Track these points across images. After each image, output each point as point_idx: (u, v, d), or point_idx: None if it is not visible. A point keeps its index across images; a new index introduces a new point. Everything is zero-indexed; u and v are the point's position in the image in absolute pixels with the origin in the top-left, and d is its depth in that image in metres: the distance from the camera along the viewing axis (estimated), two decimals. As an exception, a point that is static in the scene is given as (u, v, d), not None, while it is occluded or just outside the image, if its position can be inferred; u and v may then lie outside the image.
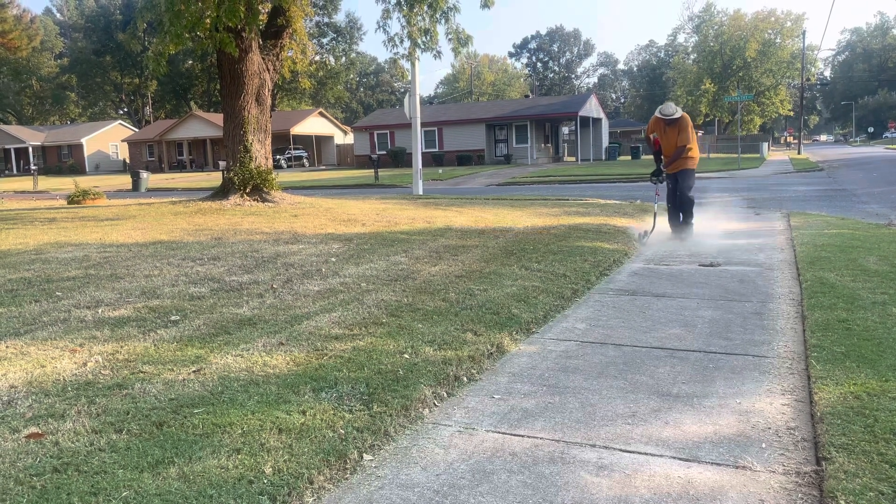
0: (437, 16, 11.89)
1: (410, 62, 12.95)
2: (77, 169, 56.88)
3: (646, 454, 2.92)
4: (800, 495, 2.56)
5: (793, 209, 13.21)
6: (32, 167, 46.96)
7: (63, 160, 60.34)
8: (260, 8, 12.72)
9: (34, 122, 74.77)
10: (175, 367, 3.73)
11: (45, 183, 38.86)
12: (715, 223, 10.67)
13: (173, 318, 4.76)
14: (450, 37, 12.49)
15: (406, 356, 3.99)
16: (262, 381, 3.54)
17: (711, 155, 46.43)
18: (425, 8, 11.80)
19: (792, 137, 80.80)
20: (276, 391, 3.39)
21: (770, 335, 4.65)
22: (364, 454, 2.92)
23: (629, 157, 46.14)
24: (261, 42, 13.80)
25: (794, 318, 5.08)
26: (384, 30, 12.52)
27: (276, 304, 5.19)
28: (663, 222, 9.58)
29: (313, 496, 2.59)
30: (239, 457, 2.73)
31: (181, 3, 11.33)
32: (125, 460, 2.68)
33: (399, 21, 12.38)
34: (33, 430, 2.95)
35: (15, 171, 60.09)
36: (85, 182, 24.67)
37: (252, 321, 4.70)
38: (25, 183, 39.16)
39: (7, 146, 61.80)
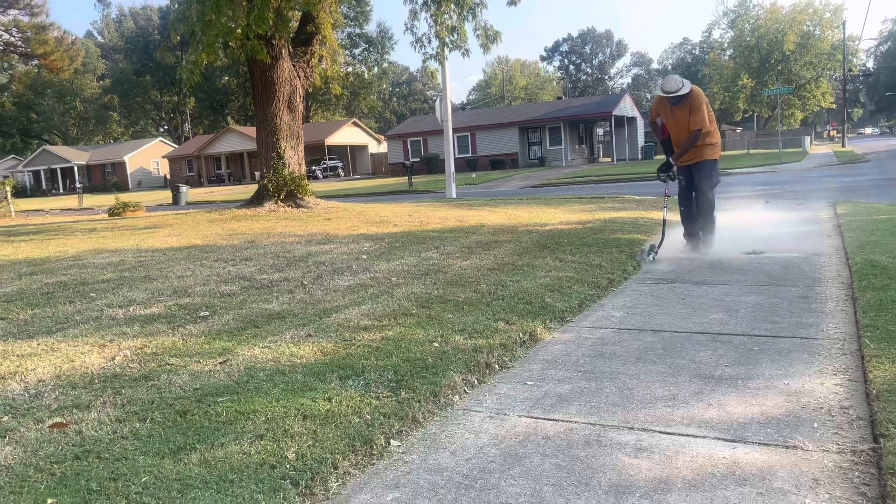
0: (464, 12, 11.82)
1: (439, 61, 12.89)
2: (120, 186, 58.24)
3: (687, 435, 2.76)
4: (856, 473, 2.38)
5: (839, 199, 12.76)
6: (77, 185, 48.31)
7: (107, 178, 61.90)
8: (289, 15, 12.81)
9: (79, 143, 76.92)
10: (202, 360, 3.69)
11: (90, 200, 39.83)
12: (756, 214, 10.36)
13: (202, 314, 4.73)
14: (478, 33, 12.40)
15: (436, 345, 3.89)
16: (288, 370, 3.47)
17: (751, 151, 45.45)
18: (452, 6, 11.75)
19: (835, 131, 78.55)
20: (302, 379, 3.32)
21: (818, 318, 4.42)
22: (391, 440, 2.82)
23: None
24: (291, 49, 13.90)
25: (844, 300, 4.84)
26: (412, 31, 12.52)
27: (306, 298, 5.14)
28: (674, 233, 7.64)
29: (338, 481, 2.49)
30: (262, 443, 2.66)
31: (212, 12, 11.47)
32: (146, 447, 2.63)
33: (426, 21, 12.36)
34: (57, 420, 2.92)
35: (61, 190, 61.81)
36: (127, 198, 25.20)
37: (281, 315, 4.65)
38: (71, 201, 40.19)
39: (53, 166, 63.66)
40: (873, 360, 3.33)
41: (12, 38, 29.64)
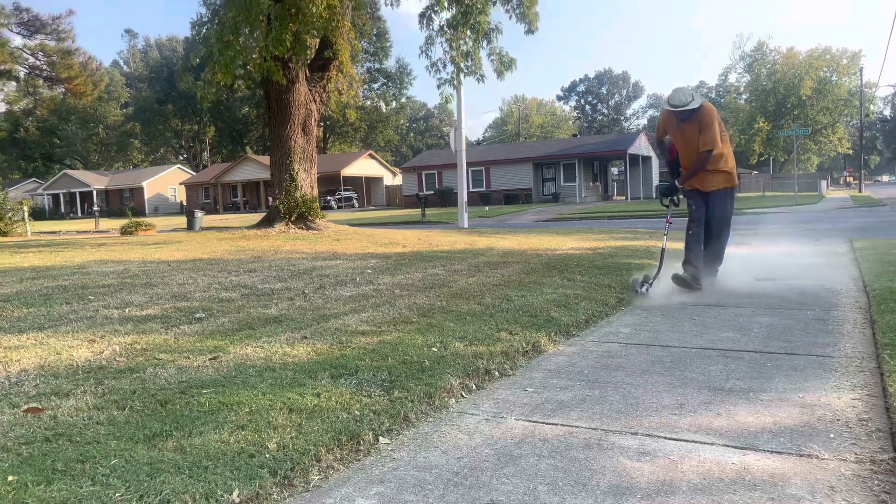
0: (480, 38, 11.86)
1: (454, 86, 12.93)
2: (137, 211, 58.63)
3: (694, 441, 2.59)
4: (876, 482, 2.20)
5: (856, 237, 12.54)
6: (94, 209, 48.82)
7: (125, 203, 62.52)
8: (307, 39, 12.92)
9: (99, 168, 78.00)
10: (191, 356, 3.57)
11: (106, 224, 40.08)
12: (771, 247, 10.18)
13: (198, 315, 4.62)
14: (492, 58, 12.45)
15: (434, 349, 3.75)
16: (278, 367, 3.34)
17: (767, 193, 45.24)
18: (468, 32, 11.82)
19: (852, 178, 78.19)
20: (292, 376, 3.18)
21: (835, 338, 4.24)
22: (380, 437, 2.67)
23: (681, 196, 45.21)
24: (308, 73, 14.01)
25: (862, 323, 4.65)
26: (427, 55, 12.58)
27: (306, 305, 5.02)
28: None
29: (320, 474, 2.35)
30: (242, 433, 2.52)
31: (230, 33, 11.60)
32: (121, 432, 2.50)
33: (442, 46, 12.43)
34: (33, 405, 2.80)
35: (79, 214, 62.49)
36: (141, 220, 25.27)
37: (278, 319, 4.53)
38: (87, 224, 40.48)
39: (73, 190, 64.50)
40: (893, 375, 3.15)
41: (38, 62, 30.24)
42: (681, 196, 6.39)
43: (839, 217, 21.06)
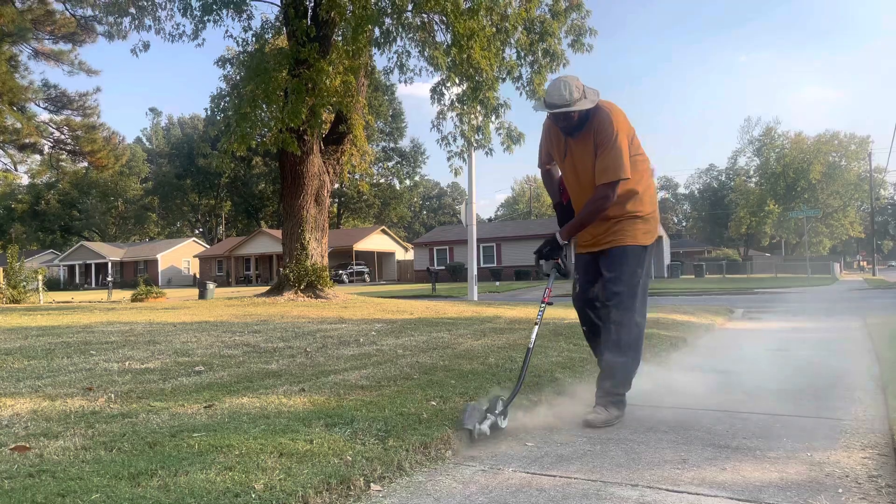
0: (489, 112, 12.17)
1: (463, 159, 13.18)
2: (150, 283, 58.96)
3: (697, 494, 2.50)
4: (887, 534, 2.10)
5: (869, 314, 12.37)
6: (108, 280, 49.29)
7: (139, 275, 63.12)
8: (322, 112, 13.30)
9: (116, 240, 79.22)
10: (186, 404, 3.52)
11: (119, 295, 40.28)
12: (782, 322, 10.07)
13: (197, 369, 4.59)
14: (500, 132, 12.73)
15: (433, 403, 3.67)
16: (273, 415, 3.28)
17: (779, 275, 45.05)
18: (478, 107, 12.14)
19: (865, 261, 77.83)
20: (286, 423, 3.12)
21: (846, 403, 4.13)
22: (372, 483, 2.59)
23: (692, 276, 45.16)
24: (322, 146, 14.35)
25: (874, 390, 4.54)
26: (438, 128, 12.91)
27: (307, 362, 4.97)
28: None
29: (306, 517, 2.27)
30: (230, 473, 2.45)
31: (247, 106, 11.97)
32: (105, 470, 2.44)
33: (453, 120, 12.76)
34: (21, 444, 2.75)
35: (93, 285, 63.04)
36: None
37: (277, 374, 4.48)
38: (101, 295, 40.75)
39: (88, 261, 65.32)
40: (906, 434, 3.05)
41: (63, 136, 31.20)
42: (567, 260, 3.91)
43: (853, 298, 20.85)
